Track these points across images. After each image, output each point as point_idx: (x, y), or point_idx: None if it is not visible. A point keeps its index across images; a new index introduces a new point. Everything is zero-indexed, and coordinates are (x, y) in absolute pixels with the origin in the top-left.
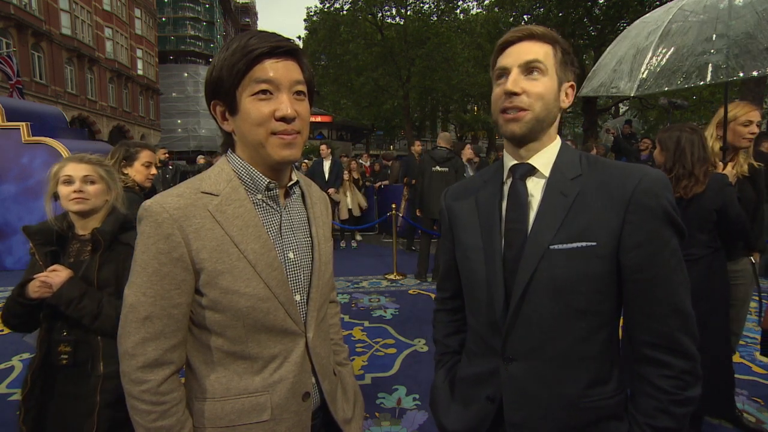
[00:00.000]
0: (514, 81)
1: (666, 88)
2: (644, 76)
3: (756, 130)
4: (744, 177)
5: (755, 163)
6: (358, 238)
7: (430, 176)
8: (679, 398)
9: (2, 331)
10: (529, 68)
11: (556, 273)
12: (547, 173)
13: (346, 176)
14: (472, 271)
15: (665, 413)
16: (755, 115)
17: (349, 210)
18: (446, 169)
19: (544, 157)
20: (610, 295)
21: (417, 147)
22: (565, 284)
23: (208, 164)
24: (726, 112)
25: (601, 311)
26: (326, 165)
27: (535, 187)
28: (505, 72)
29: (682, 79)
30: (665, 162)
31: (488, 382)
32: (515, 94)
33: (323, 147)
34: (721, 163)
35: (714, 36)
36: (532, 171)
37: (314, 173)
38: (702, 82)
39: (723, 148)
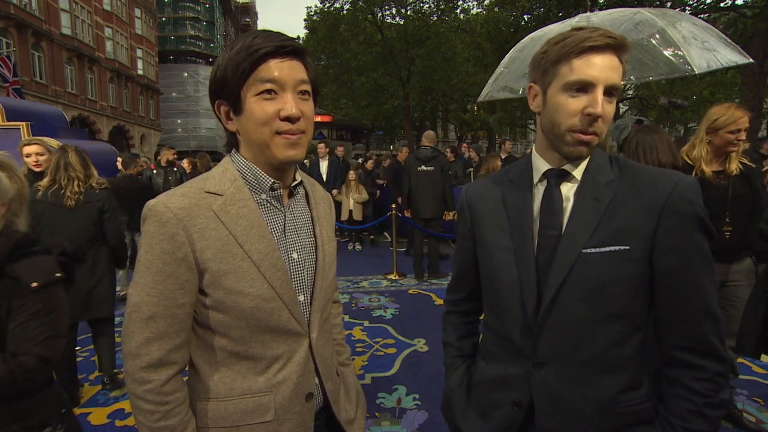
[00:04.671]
0: (601, 104)
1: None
2: None
3: (743, 137)
4: (738, 175)
5: (748, 162)
6: (358, 248)
7: (416, 176)
8: (714, 401)
9: None
10: (610, 91)
11: (590, 276)
12: (579, 177)
13: (351, 176)
14: (499, 271)
15: (700, 416)
16: (743, 123)
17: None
18: (431, 168)
19: (580, 162)
20: (643, 298)
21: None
22: (598, 287)
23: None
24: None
25: (634, 314)
26: (323, 166)
27: (569, 191)
28: (587, 86)
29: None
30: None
31: (513, 387)
32: (599, 118)
33: (321, 146)
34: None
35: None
36: (567, 176)
37: (311, 175)
38: None
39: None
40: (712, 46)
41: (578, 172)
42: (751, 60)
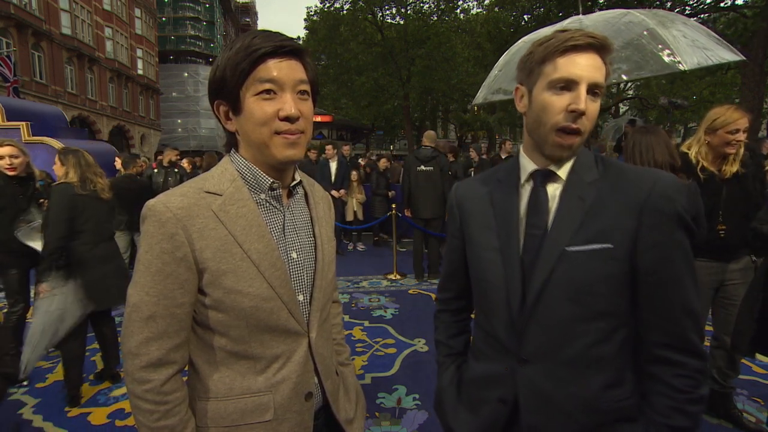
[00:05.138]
0: (585, 100)
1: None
2: None
3: (742, 137)
4: (731, 178)
5: (740, 167)
6: (361, 248)
7: (415, 176)
8: (694, 396)
9: None
10: (594, 89)
11: (574, 274)
12: (564, 176)
13: (354, 177)
14: (487, 270)
15: (681, 412)
16: (743, 123)
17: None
18: (431, 168)
19: (563, 162)
20: (626, 296)
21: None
22: (582, 285)
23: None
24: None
25: (617, 312)
26: (332, 166)
27: (554, 191)
28: (570, 84)
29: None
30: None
31: (500, 384)
32: (582, 114)
33: (329, 147)
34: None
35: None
36: (552, 176)
37: (322, 175)
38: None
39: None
40: (703, 44)
41: (563, 172)
42: (743, 57)
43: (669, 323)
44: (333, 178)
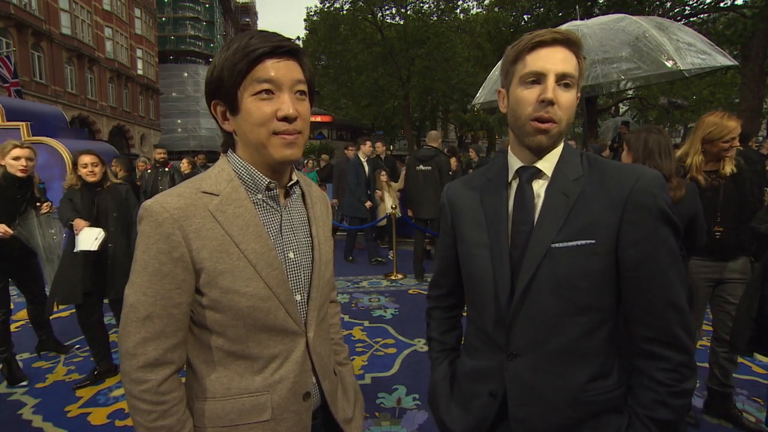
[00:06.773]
0: (553, 90)
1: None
2: None
3: (737, 143)
4: (729, 177)
5: (734, 167)
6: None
7: (414, 176)
8: (677, 390)
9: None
10: (563, 80)
11: (558, 270)
12: (549, 173)
13: (384, 177)
14: (477, 267)
15: (664, 405)
16: (738, 130)
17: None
18: (429, 167)
19: (549, 160)
20: (610, 291)
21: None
22: (567, 281)
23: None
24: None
25: (602, 307)
26: (367, 167)
27: (540, 188)
28: (539, 77)
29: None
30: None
31: (490, 378)
32: (552, 103)
33: (368, 143)
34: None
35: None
36: (538, 173)
37: (357, 178)
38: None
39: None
40: (700, 49)
41: (549, 169)
42: (736, 63)
43: (653, 317)
44: (368, 179)
